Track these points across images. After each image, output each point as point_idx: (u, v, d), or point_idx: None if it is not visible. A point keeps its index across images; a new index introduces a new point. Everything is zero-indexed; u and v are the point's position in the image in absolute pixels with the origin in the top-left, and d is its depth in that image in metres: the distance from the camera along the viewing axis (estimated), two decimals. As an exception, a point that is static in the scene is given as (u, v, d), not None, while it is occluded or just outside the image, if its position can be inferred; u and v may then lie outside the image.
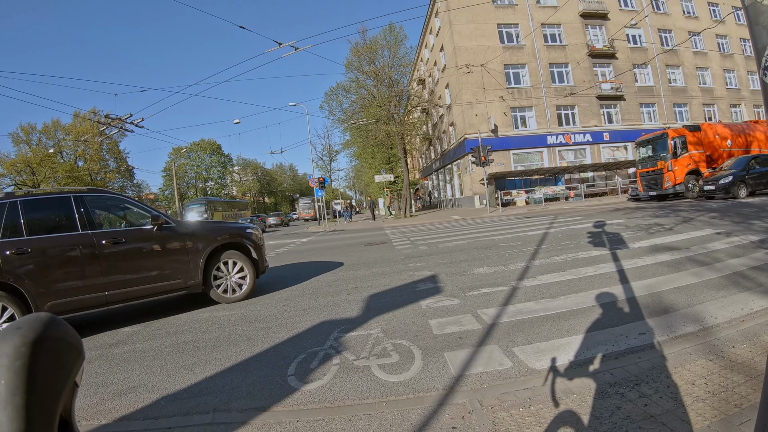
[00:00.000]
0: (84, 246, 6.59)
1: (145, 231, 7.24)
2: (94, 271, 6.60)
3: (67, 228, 6.65)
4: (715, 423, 2.56)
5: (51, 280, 6.29)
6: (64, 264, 6.44)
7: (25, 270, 6.13)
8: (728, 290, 5.27)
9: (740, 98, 45.07)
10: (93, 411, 3.74)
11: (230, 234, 8.14)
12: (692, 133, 23.17)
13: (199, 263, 7.53)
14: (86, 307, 6.56)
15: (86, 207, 6.86)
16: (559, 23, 39.36)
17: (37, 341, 0.57)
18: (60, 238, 6.54)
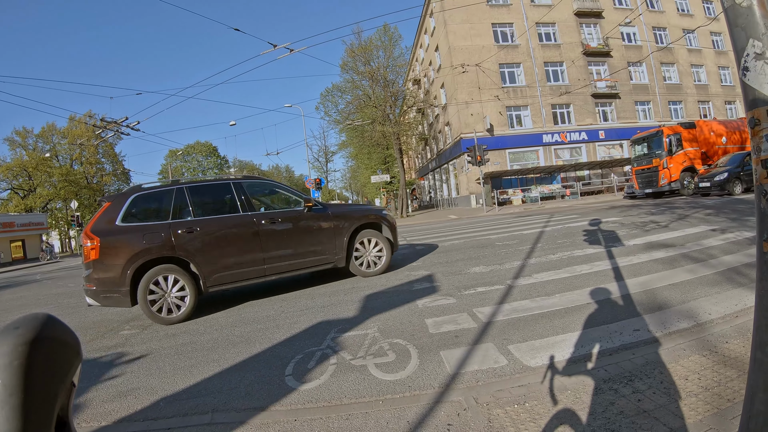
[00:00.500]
0: (246, 225, 7.63)
1: (298, 212, 8.26)
2: (255, 247, 7.62)
3: (230, 210, 7.76)
4: (708, 417, 2.59)
5: (217, 255, 7.30)
6: (229, 241, 7.49)
7: (194, 246, 7.15)
8: (722, 286, 5.30)
9: (735, 95, 45.10)
10: (93, 413, 3.75)
11: (369, 215, 9.04)
12: (687, 131, 23.21)
13: (344, 241, 8.48)
14: (247, 278, 7.62)
15: (245, 192, 7.94)
16: (554, 22, 39.39)
17: (34, 341, 0.57)
18: (225, 219, 7.62)
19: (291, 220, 8.09)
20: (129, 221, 7.01)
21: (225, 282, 7.41)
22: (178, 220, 7.22)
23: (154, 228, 7.03)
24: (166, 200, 7.40)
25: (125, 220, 6.98)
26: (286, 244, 7.94)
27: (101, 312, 8.47)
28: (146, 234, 6.93)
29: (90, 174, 65.13)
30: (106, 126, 24.71)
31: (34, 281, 18.06)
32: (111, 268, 6.71)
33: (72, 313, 8.82)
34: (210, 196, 8.03)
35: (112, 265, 6.71)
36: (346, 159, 70.55)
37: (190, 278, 7.04)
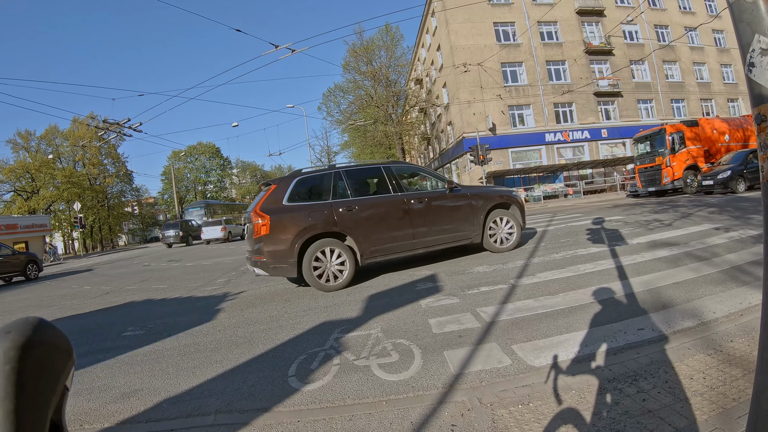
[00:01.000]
0: (397, 204, 8.62)
1: (441, 192, 9.15)
2: (405, 224, 8.61)
3: (382, 191, 8.88)
4: (713, 417, 2.58)
5: (372, 231, 8.33)
6: (382, 218, 8.49)
7: (352, 223, 8.18)
8: (726, 285, 5.28)
9: (738, 93, 45.02)
10: (95, 414, 3.75)
11: (502, 196, 9.79)
12: (690, 129, 23.16)
13: (480, 219, 9.32)
14: (397, 251, 8.66)
15: (394, 174, 8.92)
16: (556, 21, 39.40)
17: (26, 345, 0.56)
18: (379, 198, 8.69)
19: (435, 200, 8.99)
20: (294, 201, 8.14)
21: (378, 255, 8.45)
22: (338, 200, 8.32)
23: (319, 207, 8.15)
24: (326, 182, 8.52)
25: (290, 200, 8.10)
26: (431, 221, 8.82)
27: (105, 314, 8.49)
28: (311, 212, 8.04)
29: (93, 175, 65.23)
30: (108, 127, 24.75)
31: (37, 282, 18.08)
32: (281, 242, 7.82)
33: (76, 315, 8.83)
34: (363, 178, 9.24)
35: (282, 239, 7.82)
36: (349, 159, 70.58)
37: (349, 251, 8.09)
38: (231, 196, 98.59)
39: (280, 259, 7.85)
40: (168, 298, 9.41)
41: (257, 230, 7.87)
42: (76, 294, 12.15)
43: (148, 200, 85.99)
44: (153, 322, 7.19)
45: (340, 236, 8.17)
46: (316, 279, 7.86)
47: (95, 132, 49.21)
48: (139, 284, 12.72)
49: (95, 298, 10.88)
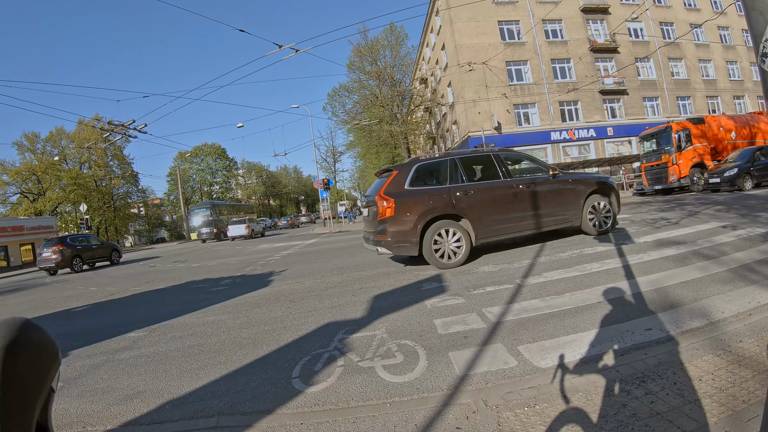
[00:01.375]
0: (507, 189, 9.29)
1: (546, 178, 9.74)
2: (514, 207, 9.27)
3: (493, 177, 9.41)
4: (723, 419, 2.54)
5: (486, 213, 9.03)
6: (495, 202, 9.16)
7: (468, 206, 8.90)
8: (735, 284, 5.23)
9: (744, 90, 44.87)
10: (98, 416, 3.74)
11: (599, 182, 10.31)
12: (696, 126, 23.05)
13: (580, 204, 9.89)
14: (507, 233, 9.37)
15: (503, 162, 9.55)
16: (560, 19, 39.33)
17: (11, 346, 0.56)
18: (492, 183, 9.32)
19: (541, 185, 9.58)
20: (414, 185, 8.90)
21: (490, 235, 9.16)
22: (455, 184, 9.01)
23: (438, 191, 8.89)
24: (443, 169, 9.22)
25: (411, 185, 8.86)
26: (537, 204, 9.44)
27: (109, 314, 8.50)
28: (432, 196, 8.80)
29: (99, 177, 65.45)
30: (113, 129, 24.87)
31: (43, 284, 18.16)
32: (404, 223, 8.61)
33: (81, 316, 8.84)
34: (476, 165, 9.83)
35: (405, 220, 8.61)
36: (354, 159, 70.68)
37: (464, 231, 8.78)
38: (237, 196, 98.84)
39: (403, 239, 8.67)
40: (171, 299, 9.41)
41: (382, 212, 8.70)
42: (80, 295, 12.16)
43: (154, 201, 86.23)
44: (157, 323, 7.19)
45: (457, 218, 8.88)
46: (437, 257, 8.63)
47: (100, 134, 49.42)
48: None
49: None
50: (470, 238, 8.87)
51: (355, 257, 12.71)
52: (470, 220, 8.86)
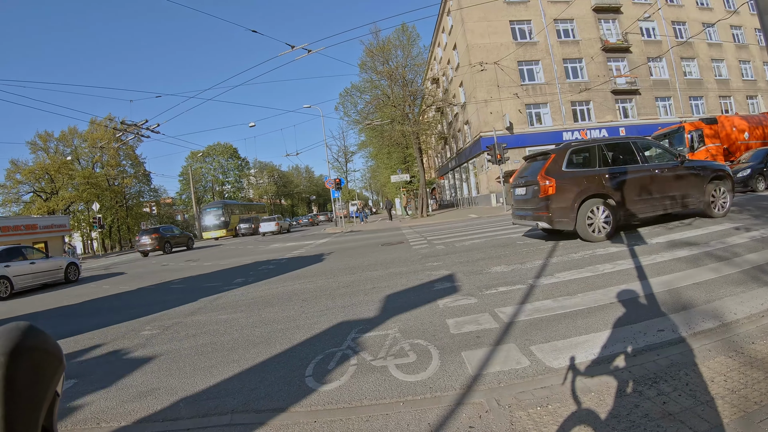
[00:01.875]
0: (645, 173, 10.23)
1: (676, 164, 10.57)
2: (652, 189, 10.18)
3: (632, 162, 10.40)
4: (735, 420, 2.54)
5: (629, 194, 9.97)
6: (636, 184, 10.07)
7: (615, 187, 9.93)
8: (747, 285, 5.20)
9: (757, 89, 44.41)
10: (113, 413, 3.79)
11: (718, 169, 11.05)
12: (709, 126, 22.86)
13: (703, 188, 10.61)
14: (646, 212, 10.29)
15: (639, 148, 10.61)
16: (572, 18, 39.06)
17: (15, 351, 0.57)
18: (635, 167, 10.25)
19: (672, 171, 10.44)
20: (570, 168, 10.09)
21: (632, 214, 10.09)
22: (604, 168, 10.11)
23: (591, 173, 10.03)
24: (592, 154, 10.36)
25: (567, 167, 10.05)
26: (669, 188, 10.34)
27: (122, 313, 8.55)
28: (586, 177, 9.95)
29: (111, 176, 65.77)
30: (126, 129, 24.94)
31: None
32: (564, 201, 9.77)
33: (93, 315, 8.91)
34: (618, 151, 10.65)
35: (565, 198, 9.77)
36: (366, 159, 70.37)
37: (612, 209, 9.81)
38: (249, 196, 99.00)
39: (562, 214, 9.82)
40: (184, 298, 9.46)
41: (544, 190, 9.91)
42: (84, 293, 12.25)
43: (166, 200, 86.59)
44: (170, 321, 7.25)
45: (605, 197, 9.85)
46: (589, 231, 9.70)
47: (113, 133, 49.62)
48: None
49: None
50: (616, 215, 9.84)
51: (367, 257, 12.74)
52: (616, 200, 9.88)
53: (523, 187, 11.10)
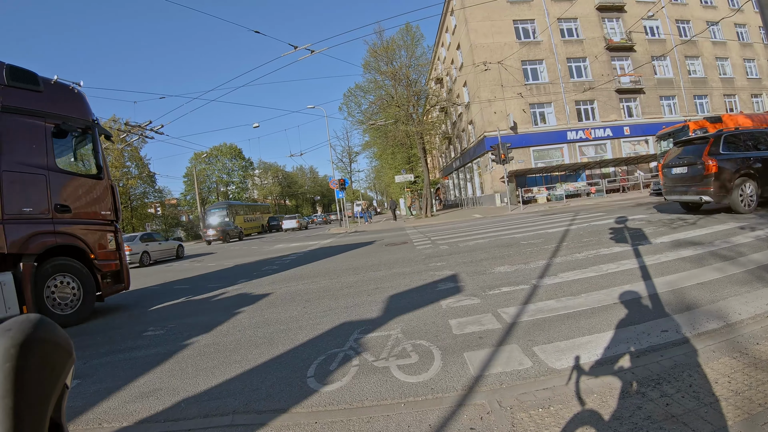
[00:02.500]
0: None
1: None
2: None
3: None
4: (739, 422, 2.52)
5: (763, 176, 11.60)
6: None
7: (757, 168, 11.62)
8: (752, 285, 5.18)
9: (761, 88, 44.30)
10: (114, 414, 3.79)
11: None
12: (713, 125, 22.74)
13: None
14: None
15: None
16: (576, 17, 39.04)
17: (26, 343, 0.56)
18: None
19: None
20: (726, 150, 11.82)
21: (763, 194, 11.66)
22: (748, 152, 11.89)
23: (743, 156, 11.79)
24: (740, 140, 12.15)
25: (724, 150, 11.80)
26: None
27: (125, 314, 8.57)
28: (739, 159, 11.71)
29: (116, 177, 65.90)
30: (130, 130, 25.04)
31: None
32: (723, 180, 11.47)
33: (99, 314, 8.92)
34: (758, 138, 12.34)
35: (725, 177, 11.48)
36: (370, 159, 70.26)
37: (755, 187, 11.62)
38: (253, 197, 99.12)
39: (722, 191, 11.50)
40: (190, 299, 9.47)
41: (708, 169, 11.56)
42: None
43: (171, 201, 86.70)
44: (173, 322, 7.26)
45: (752, 177, 11.56)
46: (741, 205, 11.47)
47: (117, 135, 49.74)
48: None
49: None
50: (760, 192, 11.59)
51: (371, 257, 12.74)
52: (758, 179, 11.54)
53: (684, 166, 12.59)
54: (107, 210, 9.56)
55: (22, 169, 8.03)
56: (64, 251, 8.69)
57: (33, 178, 8.22)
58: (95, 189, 9.45)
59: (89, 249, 8.97)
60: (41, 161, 8.37)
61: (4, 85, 8.02)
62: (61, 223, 8.55)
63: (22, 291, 7.57)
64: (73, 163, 9.54)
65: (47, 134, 8.61)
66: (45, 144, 8.53)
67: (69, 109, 9.18)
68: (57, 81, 9.03)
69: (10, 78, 8.12)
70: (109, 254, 9.45)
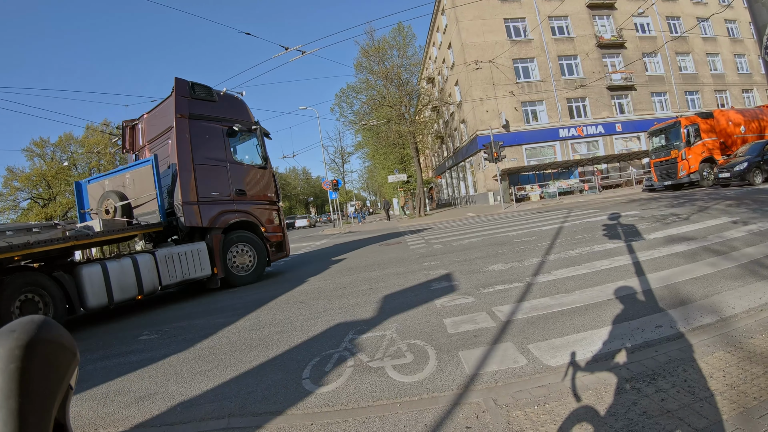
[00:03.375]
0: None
1: None
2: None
3: None
4: (734, 417, 2.52)
5: None
6: None
7: None
8: (745, 279, 5.20)
9: (752, 83, 44.50)
10: (110, 419, 3.77)
11: None
12: (705, 121, 22.89)
13: None
14: None
15: None
16: (566, 15, 39.13)
17: (30, 344, 0.57)
18: None
19: None
20: None
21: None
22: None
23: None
24: None
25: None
26: None
27: (120, 317, 8.54)
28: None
29: (108, 181, 65.62)
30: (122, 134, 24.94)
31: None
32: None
33: (93, 319, 8.89)
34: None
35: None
36: (363, 159, 70.28)
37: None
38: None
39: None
40: (182, 301, 9.46)
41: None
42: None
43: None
44: (168, 325, 7.24)
45: None
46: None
47: (109, 138, 49.62)
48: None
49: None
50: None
51: (364, 257, 12.75)
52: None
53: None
54: (272, 193, 12.28)
55: (209, 162, 10.59)
56: (242, 226, 11.23)
57: (217, 169, 10.79)
58: (262, 176, 12.07)
59: (261, 224, 11.54)
60: (221, 156, 10.95)
61: (190, 98, 10.61)
62: (239, 203, 11.13)
63: (213, 256, 10.16)
64: (243, 157, 11.91)
65: (223, 135, 11.15)
66: (223, 142, 11.09)
67: (237, 113, 11.86)
68: (226, 92, 11.67)
69: (193, 92, 10.73)
70: (276, 228, 12.16)
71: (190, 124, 10.38)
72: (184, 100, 10.49)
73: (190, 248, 9.75)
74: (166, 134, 10.86)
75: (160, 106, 11.30)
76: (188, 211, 9.96)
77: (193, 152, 10.21)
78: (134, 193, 10.38)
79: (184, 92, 10.55)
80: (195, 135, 10.36)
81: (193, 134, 10.31)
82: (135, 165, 10.80)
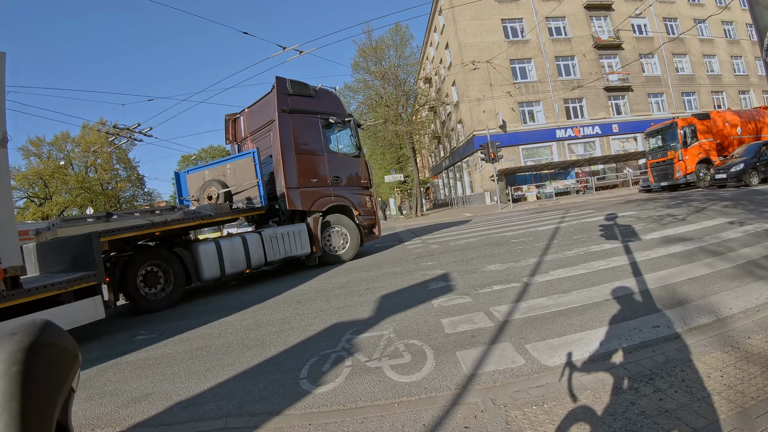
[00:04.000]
0: None
1: None
2: None
3: None
4: (732, 416, 2.53)
5: None
6: None
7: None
8: (742, 280, 5.21)
9: (749, 84, 44.65)
10: (107, 419, 3.76)
11: None
12: (701, 122, 22.97)
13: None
14: None
15: None
16: (564, 16, 39.21)
17: (32, 346, 0.57)
18: None
19: None
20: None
21: None
22: None
23: None
24: None
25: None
26: None
27: (116, 318, 8.53)
28: None
29: (105, 181, 65.58)
30: (119, 133, 24.90)
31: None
32: None
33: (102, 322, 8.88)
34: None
35: None
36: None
37: None
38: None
39: None
40: (180, 301, 9.45)
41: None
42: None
43: (161, 204, 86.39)
44: (165, 325, 7.23)
45: None
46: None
47: (106, 137, 49.48)
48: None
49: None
50: None
51: (361, 257, 12.73)
52: None
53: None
54: (365, 179, 13.46)
55: (309, 152, 11.92)
56: (338, 209, 12.39)
57: (316, 158, 12.10)
58: (356, 164, 13.31)
59: (354, 207, 12.72)
60: (319, 146, 12.21)
61: (290, 94, 11.80)
62: (336, 188, 12.38)
63: (312, 236, 11.39)
64: (338, 147, 13.11)
65: (320, 126, 12.36)
66: (320, 134, 12.32)
67: (332, 107, 13.00)
68: (321, 87, 13.01)
69: (292, 88, 11.87)
70: (369, 211, 13.33)
71: (291, 118, 11.67)
72: (284, 96, 11.71)
73: (292, 229, 11.05)
74: (267, 127, 12.23)
75: (260, 101, 12.69)
76: (292, 195, 11.23)
77: (294, 143, 11.52)
78: (235, 182, 11.71)
79: (284, 89, 11.76)
80: (295, 127, 11.66)
81: (294, 127, 11.62)
82: (236, 156, 12.21)
